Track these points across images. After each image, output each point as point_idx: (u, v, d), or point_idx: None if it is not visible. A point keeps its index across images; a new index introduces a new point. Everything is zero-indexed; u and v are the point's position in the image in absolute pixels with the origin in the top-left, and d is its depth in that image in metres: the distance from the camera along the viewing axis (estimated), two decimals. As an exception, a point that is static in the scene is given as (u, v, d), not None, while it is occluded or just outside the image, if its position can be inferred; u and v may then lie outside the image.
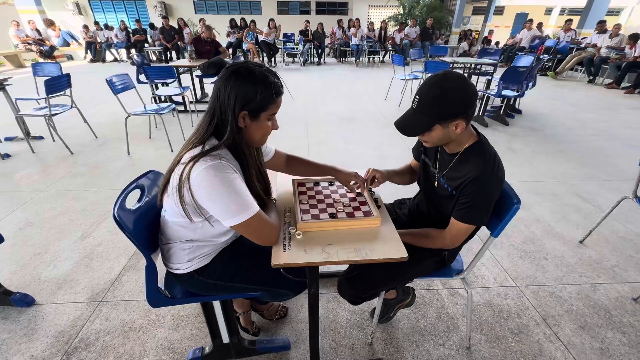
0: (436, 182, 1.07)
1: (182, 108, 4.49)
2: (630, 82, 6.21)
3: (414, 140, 1.23)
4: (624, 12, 16.80)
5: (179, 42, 8.88)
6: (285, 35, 10.13)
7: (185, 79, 4.85)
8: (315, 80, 7.05)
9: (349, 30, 9.27)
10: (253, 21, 8.75)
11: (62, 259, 1.79)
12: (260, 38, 8.62)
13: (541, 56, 7.83)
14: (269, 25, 8.66)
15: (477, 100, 0.91)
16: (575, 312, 1.49)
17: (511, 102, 4.51)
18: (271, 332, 1.41)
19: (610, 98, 5.63)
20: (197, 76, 4.78)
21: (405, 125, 0.94)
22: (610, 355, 1.30)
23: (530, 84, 4.25)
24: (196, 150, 0.82)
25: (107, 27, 9.78)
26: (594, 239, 1.97)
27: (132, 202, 1.03)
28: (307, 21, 9.25)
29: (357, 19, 9.23)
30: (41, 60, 8.67)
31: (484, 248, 1.09)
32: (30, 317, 1.45)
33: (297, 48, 9.37)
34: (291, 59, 9.79)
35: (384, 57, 9.91)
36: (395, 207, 1.30)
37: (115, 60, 9.90)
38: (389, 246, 0.91)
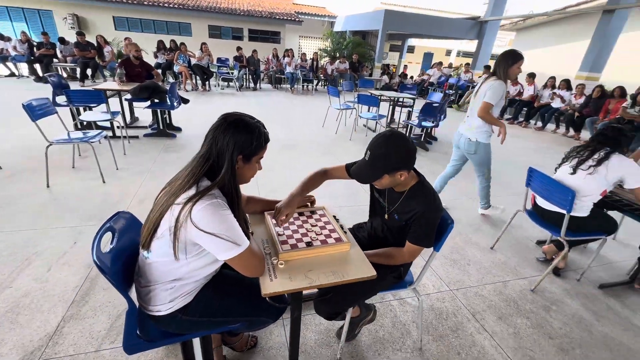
0: (387, 215, 1.30)
1: (110, 134, 4.12)
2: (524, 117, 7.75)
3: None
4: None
5: (97, 60, 8.12)
6: (219, 59, 10.08)
7: (113, 102, 4.47)
8: (252, 106, 7.14)
9: (284, 59, 9.70)
10: (183, 43, 8.52)
11: (-25, 318, 1.51)
12: (193, 61, 8.42)
13: (447, 91, 9.36)
14: (201, 49, 8.54)
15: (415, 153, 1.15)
16: (494, 306, 1.85)
17: (429, 131, 5.27)
18: (243, 363, 1.42)
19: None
20: (126, 100, 4.45)
21: (360, 174, 1.17)
22: (521, 337, 1.65)
23: (442, 116, 5.05)
24: (192, 191, 0.89)
25: (1, 37, 8.41)
26: (501, 245, 2.45)
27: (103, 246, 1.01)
28: (240, 47, 9.39)
29: (291, 49, 9.75)
30: None
31: (429, 262, 1.33)
32: (-61, 394, 1.20)
33: (232, 73, 9.37)
34: (226, 84, 9.73)
35: (317, 85, 10.57)
36: (355, 231, 1.49)
37: (13, 75, 8.51)
38: (360, 267, 1.08)
